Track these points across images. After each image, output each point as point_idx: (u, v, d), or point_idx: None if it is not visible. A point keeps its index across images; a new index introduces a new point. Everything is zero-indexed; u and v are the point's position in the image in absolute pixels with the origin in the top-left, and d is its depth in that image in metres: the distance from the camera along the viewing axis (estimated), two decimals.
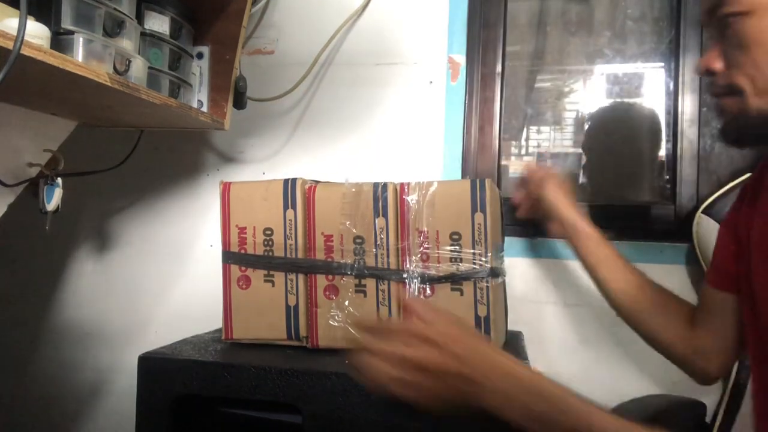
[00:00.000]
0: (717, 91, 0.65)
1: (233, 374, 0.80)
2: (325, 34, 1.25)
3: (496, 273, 0.86)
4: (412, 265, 0.86)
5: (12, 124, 0.92)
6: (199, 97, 1.14)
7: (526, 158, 1.45)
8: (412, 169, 1.25)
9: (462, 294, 0.85)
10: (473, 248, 0.84)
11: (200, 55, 1.14)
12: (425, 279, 0.86)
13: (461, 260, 0.85)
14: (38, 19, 0.73)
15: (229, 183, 0.93)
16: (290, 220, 0.90)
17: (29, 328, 1.43)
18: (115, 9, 0.85)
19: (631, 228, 1.19)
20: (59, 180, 0.99)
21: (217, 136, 1.35)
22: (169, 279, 1.36)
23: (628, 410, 0.97)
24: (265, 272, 0.91)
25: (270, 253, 0.91)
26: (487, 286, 0.84)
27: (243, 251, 0.92)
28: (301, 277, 0.91)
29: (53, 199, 0.99)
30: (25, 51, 0.61)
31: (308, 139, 1.31)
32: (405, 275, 0.86)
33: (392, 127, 1.26)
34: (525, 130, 1.42)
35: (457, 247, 0.86)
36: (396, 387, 0.56)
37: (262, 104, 1.27)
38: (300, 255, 0.90)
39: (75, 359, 1.41)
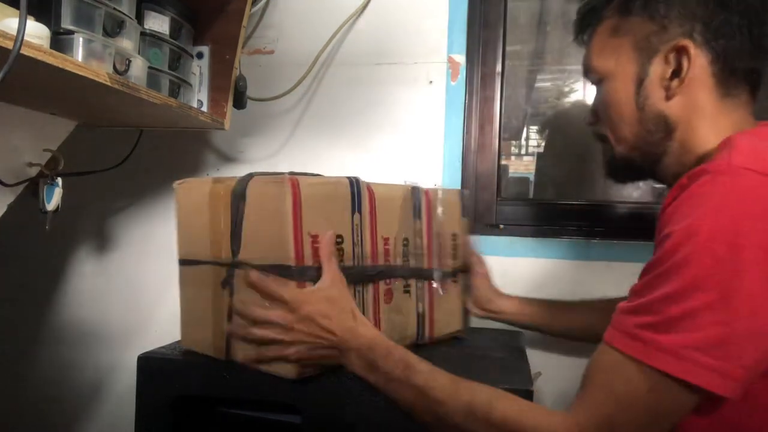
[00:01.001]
0: (597, 138, 0.78)
1: (232, 374, 0.80)
2: (325, 34, 1.25)
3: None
4: (435, 264, 0.95)
5: (12, 124, 0.92)
6: (199, 96, 1.14)
7: (526, 158, 1.45)
8: (412, 169, 1.25)
9: (458, 284, 1.00)
10: (462, 247, 1.01)
11: (200, 55, 1.14)
12: (444, 275, 0.96)
13: (456, 257, 0.99)
14: (38, 19, 0.73)
15: (296, 178, 0.72)
16: (356, 225, 0.80)
17: (29, 328, 1.43)
18: (115, 9, 0.85)
19: (630, 228, 1.19)
20: (59, 180, 0.99)
21: (217, 136, 1.35)
22: (169, 279, 1.35)
23: None
24: None
25: (341, 264, 0.77)
26: (465, 275, 1.03)
27: (317, 264, 0.74)
28: (368, 286, 0.83)
29: (53, 199, 0.99)
30: (25, 51, 0.61)
31: (308, 139, 1.31)
32: (434, 273, 0.95)
33: (392, 127, 1.26)
34: (525, 129, 1.42)
35: (455, 247, 0.99)
36: (274, 351, 0.72)
37: (262, 104, 1.27)
38: (368, 262, 0.83)
39: (75, 359, 1.41)
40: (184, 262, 0.88)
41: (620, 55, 0.70)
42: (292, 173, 0.75)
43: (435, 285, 0.95)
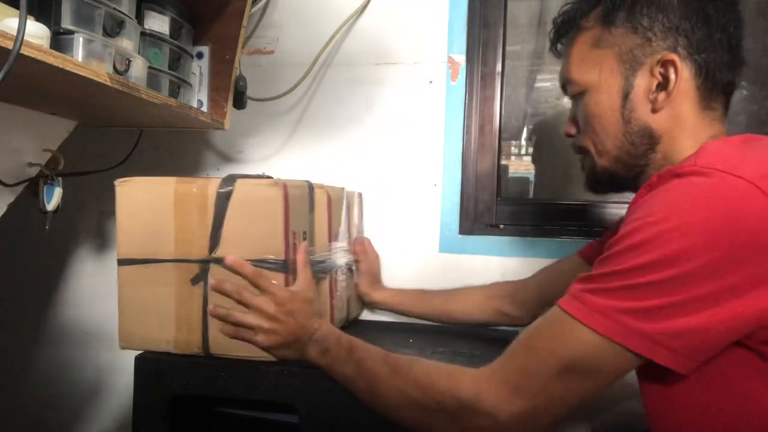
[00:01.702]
0: (575, 150, 0.79)
1: (230, 374, 0.81)
2: (325, 34, 1.25)
3: None
4: (351, 258, 1.07)
5: (12, 124, 0.92)
6: (199, 96, 1.14)
7: (526, 158, 1.45)
8: (412, 169, 1.25)
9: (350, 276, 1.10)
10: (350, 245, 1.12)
11: (200, 55, 1.14)
12: (355, 266, 1.11)
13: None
14: (38, 19, 0.73)
15: (286, 184, 0.80)
16: (311, 222, 0.90)
17: (29, 328, 1.43)
18: (115, 9, 0.85)
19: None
20: (59, 180, 1.00)
21: (217, 136, 1.35)
22: None
23: (628, 409, 0.97)
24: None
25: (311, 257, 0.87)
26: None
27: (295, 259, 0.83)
28: (326, 277, 0.95)
29: (53, 199, 0.99)
30: (25, 51, 0.61)
31: (308, 139, 1.31)
32: (353, 265, 1.09)
33: (392, 127, 1.26)
34: (525, 129, 1.42)
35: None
36: (247, 334, 0.77)
37: (262, 104, 1.27)
38: (326, 256, 0.94)
39: (75, 359, 1.41)
40: (128, 262, 0.85)
41: (603, 68, 0.71)
42: (245, 176, 0.84)
43: (355, 275, 1.11)
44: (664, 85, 0.67)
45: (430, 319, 1.11)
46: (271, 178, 0.85)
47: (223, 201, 0.80)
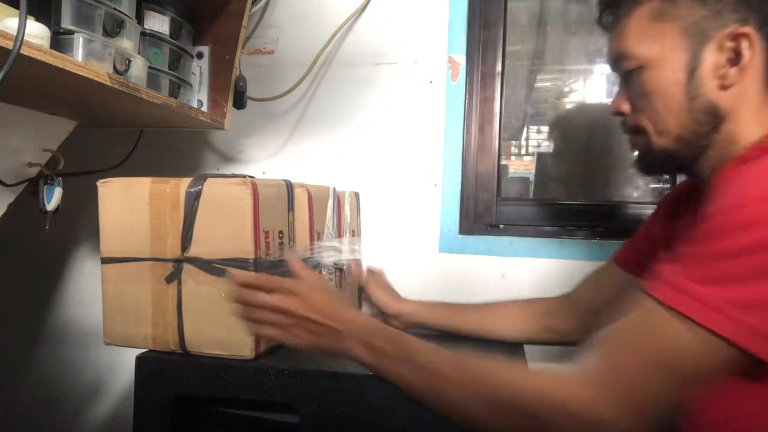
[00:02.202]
0: (627, 130, 0.73)
1: (230, 374, 0.80)
2: (325, 34, 1.25)
3: None
4: (340, 257, 1.04)
5: (12, 124, 0.92)
6: (199, 96, 1.14)
7: (526, 158, 1.45)
8: (412, 169, 1.25)
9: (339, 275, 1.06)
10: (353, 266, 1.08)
11: (200, 55, 1.14)
12: (347, 265, 1.07)
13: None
14: (38, 19, 0.73)
15: (255, 182, 0.80)
16: (291, 222, 0.90)
17: (29, 328, 1.43)
18: (115, 9, 0.85)
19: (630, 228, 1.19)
20: (59, 180, 1.00)
21: (217, 136, 1.35)
22: None
23: None
24: None
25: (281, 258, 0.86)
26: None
27: (268, 258, 0.82)
28: None
29: (53, 199, 0.99)
30: (25, 51, 0.61)
31: (308, 139, 1.31)
32: (344, 264, 1.05)
33: (392, 127, 1.26)
34: (525, 129, 1.42)
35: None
36: (271, 331, 0.71)
37: (262, 104, 1.27)
38: (307, 254, 0.93)
39: (75, 359, 1.41)
40: (110, 260, 0.87)
41: (665, 42, 0.66)
42: (219, 175, 0.83)
43: (345, 275, 1.06)
44: (735, 60, 0.63)
45: (460, 334, 1.01)
46: (252, 177, 0.84)
47: (192, 200, 0.80)
